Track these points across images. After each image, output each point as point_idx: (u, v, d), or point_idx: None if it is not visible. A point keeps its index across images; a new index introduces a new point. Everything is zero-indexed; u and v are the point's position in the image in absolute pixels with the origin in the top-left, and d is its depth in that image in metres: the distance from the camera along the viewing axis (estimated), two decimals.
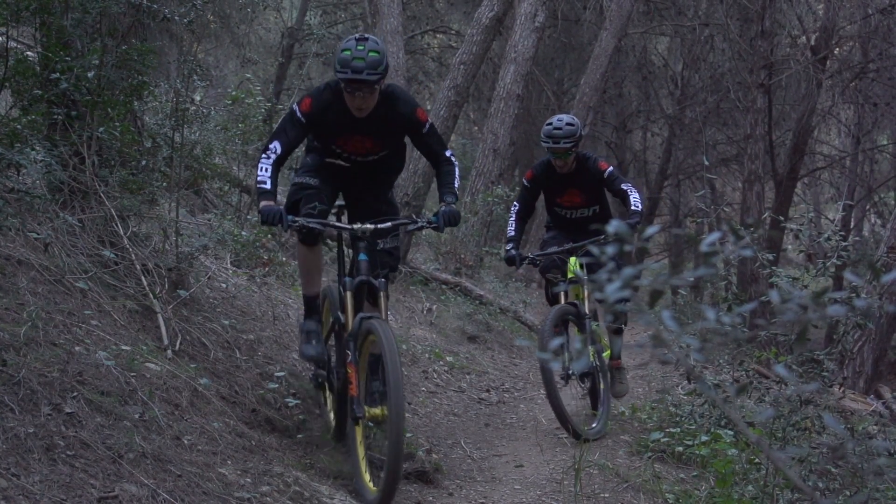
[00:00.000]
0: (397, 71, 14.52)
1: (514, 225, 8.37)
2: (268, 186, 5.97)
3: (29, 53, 7.11)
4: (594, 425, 7.62)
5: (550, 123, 8.05)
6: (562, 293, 7.96)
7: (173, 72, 10.13)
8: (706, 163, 6.71)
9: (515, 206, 8.46)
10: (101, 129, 6.85)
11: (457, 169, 6.51)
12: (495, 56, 21.85)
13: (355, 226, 6.08)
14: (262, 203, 5.91)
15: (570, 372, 7.56)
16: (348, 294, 6.07)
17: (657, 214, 30.02)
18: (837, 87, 20.99)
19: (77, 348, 5.31)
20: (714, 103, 23.75)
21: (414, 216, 6.11)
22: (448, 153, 6.52)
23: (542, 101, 26.07)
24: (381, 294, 6.12)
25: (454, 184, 6.39)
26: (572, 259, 7.97)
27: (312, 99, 6.28)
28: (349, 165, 6.55)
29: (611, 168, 8.14)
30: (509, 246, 8.15)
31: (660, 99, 27.56)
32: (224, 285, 8.24)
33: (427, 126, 6.43)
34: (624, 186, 7.98)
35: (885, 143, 24.73)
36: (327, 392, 6.83)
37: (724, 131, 25.60)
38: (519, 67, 16.66)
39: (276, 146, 6.11)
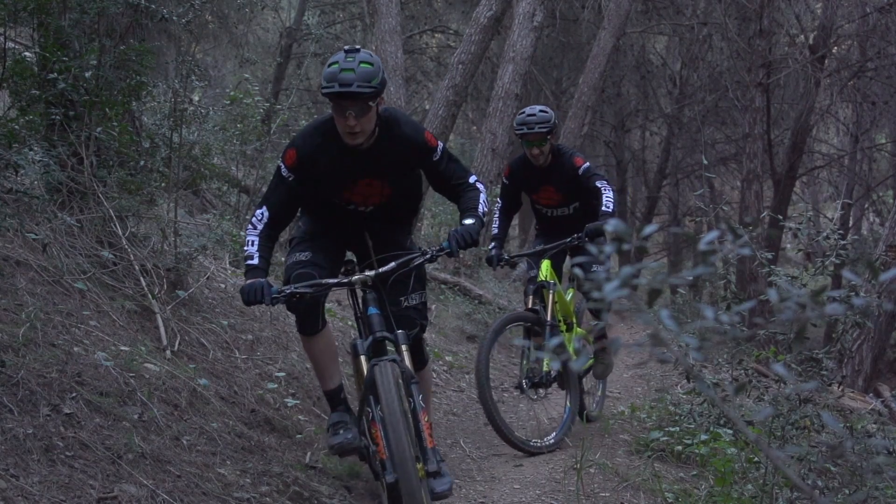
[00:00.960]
0: (395, 71, 14.53)
1: (497, 223, 8.12)
2: (255, 261, 5.16)
3: (27, 54, 7.11)
4: (549, 438, 7.19)
5: (523, 112, 7.71)
6: (529, 297, 7.60)
7: (171, 72, 10.13)
8: (705, 162, 6.69)
9: (499, 203, 8.19)
10: (99, 129, 6.85)
11: (483, 195, 5.52)
12: (494, 55, 21.85)
13: (353, 277, 5.19)
14: (247, 280, 5.07)
15: (525, 382, 7.32)
16: (361, 359, 5.11)
17: (656, 213, 30.04)
18: (836, 85, 20.99)
19: (76, 349, 5.31)
20: (712, 102, 23.75)
21: (423, 248, 5.37)
22: (472, 179, 5.57)
23: (541, 100, 26.03)
24: (402, 347, 5.14)
25: (478, 207, 5.40)
26: (545, 263, 7.67)
27: (297, 148, 5.32)
28: (355, 219, 5.67)
29: (587, 164, 7.74)
30: (492, 245, 7.87)
31: (658, 98, 27.56)
32: (223, 286, 8.23)
33: (438, 152, 5.49)
34: (598, 184, 7.61)
35: (883, 141, 24.74)
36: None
37: (723, 130, 25.61)
38: (517, 67, 16.65)
39: (262, 213, 5.30)
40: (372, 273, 5.20)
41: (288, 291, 4.95)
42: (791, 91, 22.33)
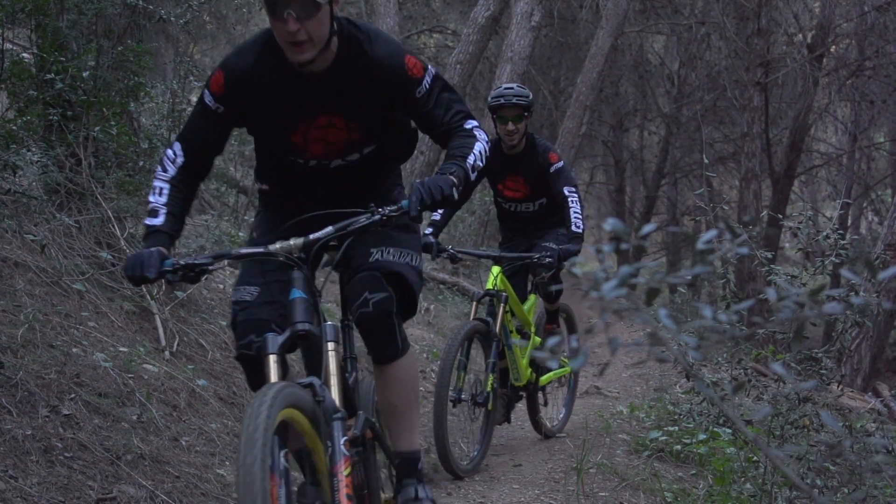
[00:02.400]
0: None
1: (436, 217, 7.22)
2: (157, 221, 3.83)
3: (25, 55, 7.12)
4: (468, 458, 6.59)
5: (499, 87, 7.24)
6: (473, 305, 6.90)
7: (169, 73, 10.11)
8: (706, 161, 6.68)
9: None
10: (97, 130, 6.85)
11: (480, 145, 3.95)
12: (492, 55, 21.84)
13: (271, 246, 3.64)
14: (144, 247, 3.72)
15: (461, 396, 6.51)
16: (269, 360, 3.38)
17: (654, 213, 30.05)
18: (834, 84, 21.01)
19: (74, 350, 5.31)
20: (711, 102, 23.75)
21: (374, 205, 3.73)
22: (471, 124, 4.02)
23: (539, 100, 26.03)
24: (329, 346, 3.57)
25: (467, 157, 3.88)
26: (494, 268, 6.92)
27: (226, 69, 3.90)
28: (323, 187, 4.16)
29: (561, 163, 7.18)
30: (429, 230, 7.00)
31: (656, 97, 27.55)
32: (221, 286, 8.23)
33: (425, 84, 3.95)
34: (567, 192, 7.07)
35: (881, 140, 24.75)
36: None
37: (721, 129, 25.61)
38: (515, 67, 16.65)
39: (175, 152, 3.98)
40: (300, 240, 3.62)
41: (183, 263, 3.53)
42: (789, 90, 22.34)
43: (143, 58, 7.22)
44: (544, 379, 7.50)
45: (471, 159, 3.89)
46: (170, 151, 3.97)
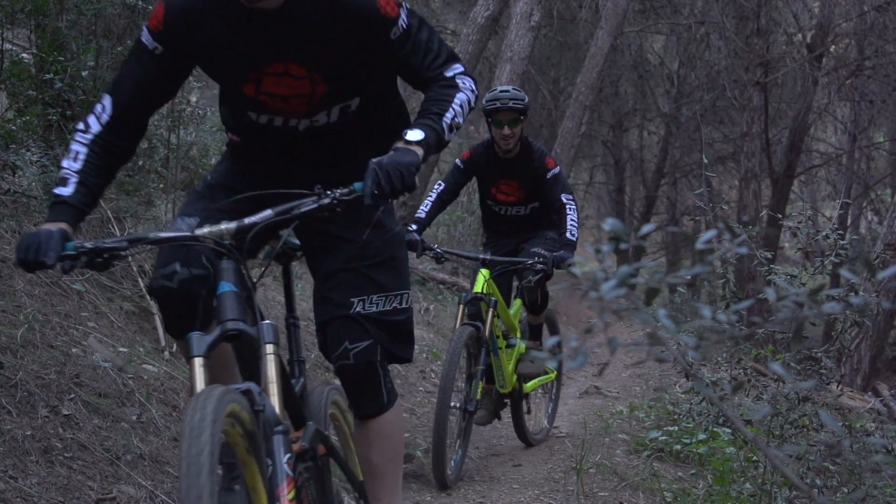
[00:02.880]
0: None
1: (429, 206, 7.01)
2: (66, 190, 3.19)
3: (24, 55, 7.12)
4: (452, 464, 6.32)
5: (494, 89, 6.99)
6: (460, 308, 6.64)
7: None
8: (705, 161, 6.69)
9: (440, 185, 7.18)
10: None
11: (463, 95, 3.38)
12: (491, 55, 21.84)
13: (198, 231, 3.04)
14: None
15: (461, 406, 6.42)
16: (194, 364, 2.84)
17: (654, 213, 30.05)
18: (834, 84, 21.00)
19: (74, 350, 5.31)
20: (710, 101, 23.73)
21: (320, 187, 3.09)
22: (454, 70, 3.42)
23: (539, 100, 26.04)
24: (267, 348, 2.99)
25: (443, 114, 3.28)
26: (483, 271, 6.72)
27: (167, 4, 3.32)
28: (292, 153, 3.57)
29: (558, 169, 7.04)
30: (413, 227, 6.76)
31: (656, 97, 27.54)
32: None
33: (401, 25, 3.31)
34: (564, 199, 6.94)
35: (881, 140, 24.75)
36: None
37: (721, 129, 25.59)
38: (515, 67, 16.64)
39: (103, 107, 3.31)
40: (233, 225, 3.02)
41: (90, 247, 2.92)
42: (789, 90, 22.34)
43: None
44: (529, 386, 7.32)
45: (448, 116, 3.30)
46: (97, 106, 3.31)
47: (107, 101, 3.30)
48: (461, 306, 6.62)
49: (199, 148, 10.03)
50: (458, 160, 7.25)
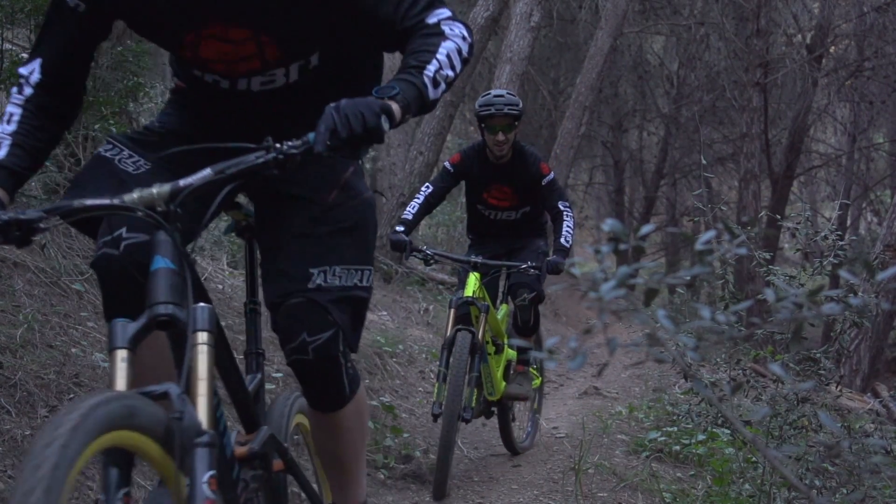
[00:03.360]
0: (393, 71, 14.52)
1: (416, 208, 6.85)
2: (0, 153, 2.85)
3: (24, 55, 7.11)
4: None
5: (487, 94, 6.80)
6: (451, 313, 6.48)
7: (168, 73, 10.13)
8: (704, 162, 6.69)
9: (427, 188, 7.00)
10: (96, 129, 6.85)
11: (453, 44, 2.81)
12: (491, 56, 21.85)
13: (126, 196, 2.47)
14: None
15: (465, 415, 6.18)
16: (116, 357, 2.30)
17: (653, 213, 30.06)
18: (833, 85, 21.03)
19: (73, 350, 5.30)
20: (710, 102, 23.77)
21: (270, 140, 2.48)
22: (437, 18, 2.83)
23: (538, 101, 26.06)
24: (194, 340, 2.43)
25: (428, 63, 2.76)
26: (474, 275, 6.57)
27: None
28: (247, 119, 3.06)
29: (552, 175, 6.93)
30: (400, 229, 6.60)
31: (656, 98, 27.57)
32: (220, 286, 8.23)
33: None
34: (562, 206, 6.86)
35: (881, 140, 24.77)
36: None
37: (720, 130, 25.63)
38: (514, 67, 16.65)
39: (32, 69, 2.93)
40: (166, 188, 2.47)
41: (6, 218, 2.47)
42: (789, 91, 22.36)
43: (141, 58, 7.22)
44: None
45: (431, 67, 2.75)
46: (25, 68, 2.93)
47: (35, 63, 2.91)
48: (453, 310, 6.44)
49: None
50: (447, 163, 7.05)
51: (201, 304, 2.49)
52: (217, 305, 7.50)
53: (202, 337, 2.45)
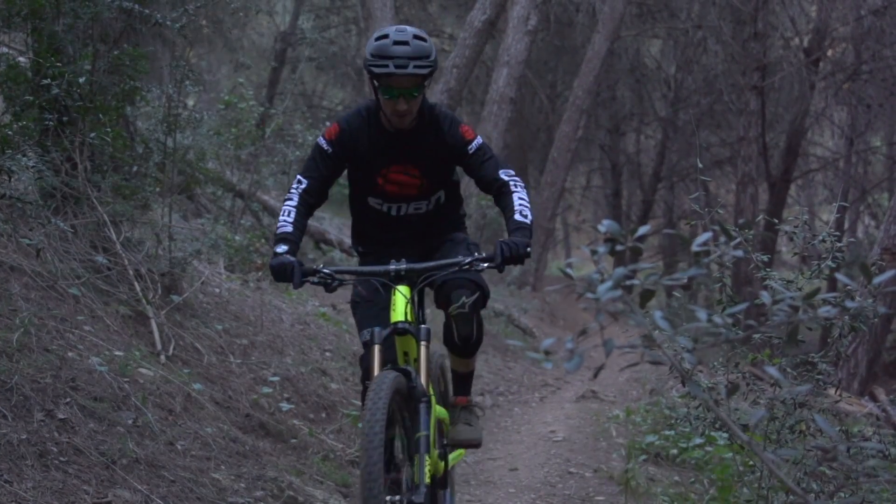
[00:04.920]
0: None
1: (291, 214, 4.67)
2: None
3: (20, 59, 7.11)
4: None
5: (383, 36, 4.58)
6: (374, 350, 4.32)
7: (166, 77, 10.11)
8: (700, 165, 6.69)
9: (299, 182, 4.79)
10: (93, 134, 6.84)
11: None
12: (488, 59, 21.85)
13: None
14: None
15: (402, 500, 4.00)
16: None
17: (651, 217, 30.06)
18: (831, 88, 21.03)
19: (70, 354, 5.30)
20: (707, 105, 23.79)
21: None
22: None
23: (536, 104, 26.08)
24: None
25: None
26: (402, 289, 4.45)
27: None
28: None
29: (479, 139, 4.87)
30: (281, 248, 4.52)
31: (653, 101, 27.60)
32: (217, 290, 8.22)
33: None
34: (505, 176, 4.76)
35: (878, 144, 24.78)
36: None
37: (718, 133, 25.65)
38: (512, 71, 16.67)
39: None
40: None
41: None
42: (786, 94, 22.38)
43: (139, 62, 7.21)
44: (453, 458, 5.07)
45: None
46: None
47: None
48: (375, 347, 4.35)
49: (196, 152, 10.03)
50: (321, 139, 4.87)
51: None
52: (214, 309, 7.50)
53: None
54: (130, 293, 6.59)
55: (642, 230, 1.94)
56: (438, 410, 4.80)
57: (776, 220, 5.04)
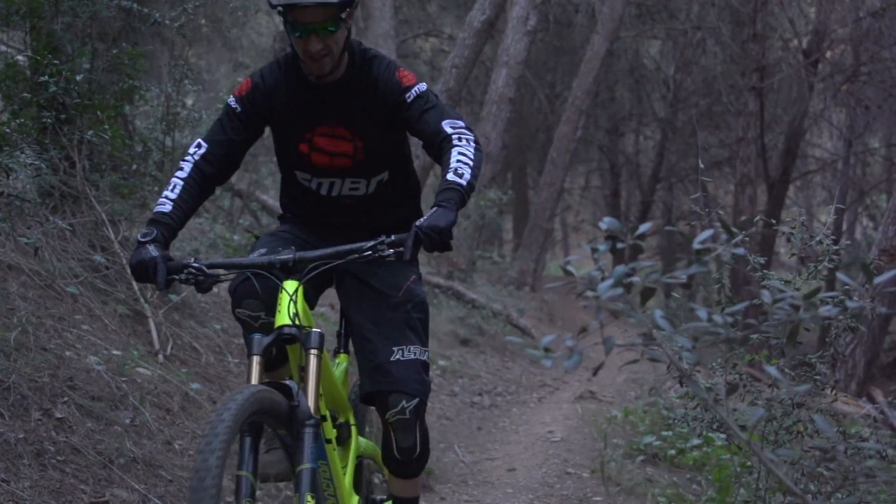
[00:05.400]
0: None
1: (177, 189, 3.85)
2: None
3: (19, 57, 7.10)
4: None
5: None
6: (254, 359, 3.41)
7: (164, 76, 10.11)
8: (701, 166, 6.68)
9: (198, 147, 3.98)
10: (91, 133, 6.83)
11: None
12: (487, 60, 21.85)
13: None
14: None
15: None
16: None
17: (650, 217, 30.07)
18: (829, 90, 21.03)
19: (67, 353, 5.29)
20: (706, 106, 23.79)
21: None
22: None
23: (534, 104, 26.08)
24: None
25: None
26: (288, 284, 3.55)
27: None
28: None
29: (422, 86, 3.93)
30: (146, 236, 3.65)
31: (652, 102, 27.59)
32: (215, 289, 8.21)
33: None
34: (448, 127, 3.80)
35: (876, 145, 24.78)
36: None
37: (717, 134, 25.64)
38: (511, 71, 16.67)
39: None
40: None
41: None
42: (785, 95, 22.37)
43: (137, 61, 7.20)
44: None
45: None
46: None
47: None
48: (255, 358, 3.44)
49: None
50: (231, 99, 4.05)
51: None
52: (212, 308, 7.49)
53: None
54: (128, 292, 6.59)
55: (643, 227, 1.94)
56: (362, 443, 4.27)
57: (774, 222, 5.03)
